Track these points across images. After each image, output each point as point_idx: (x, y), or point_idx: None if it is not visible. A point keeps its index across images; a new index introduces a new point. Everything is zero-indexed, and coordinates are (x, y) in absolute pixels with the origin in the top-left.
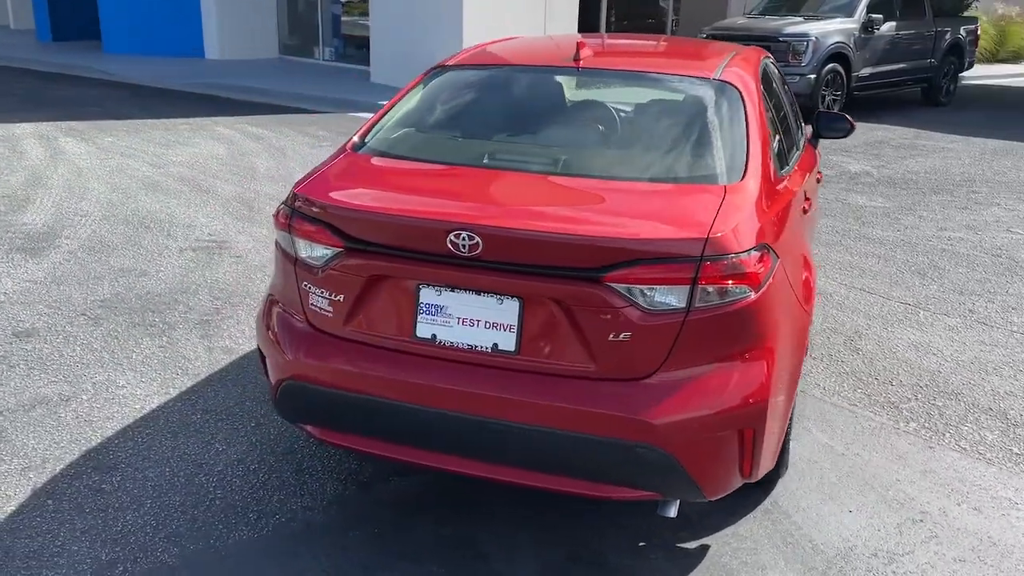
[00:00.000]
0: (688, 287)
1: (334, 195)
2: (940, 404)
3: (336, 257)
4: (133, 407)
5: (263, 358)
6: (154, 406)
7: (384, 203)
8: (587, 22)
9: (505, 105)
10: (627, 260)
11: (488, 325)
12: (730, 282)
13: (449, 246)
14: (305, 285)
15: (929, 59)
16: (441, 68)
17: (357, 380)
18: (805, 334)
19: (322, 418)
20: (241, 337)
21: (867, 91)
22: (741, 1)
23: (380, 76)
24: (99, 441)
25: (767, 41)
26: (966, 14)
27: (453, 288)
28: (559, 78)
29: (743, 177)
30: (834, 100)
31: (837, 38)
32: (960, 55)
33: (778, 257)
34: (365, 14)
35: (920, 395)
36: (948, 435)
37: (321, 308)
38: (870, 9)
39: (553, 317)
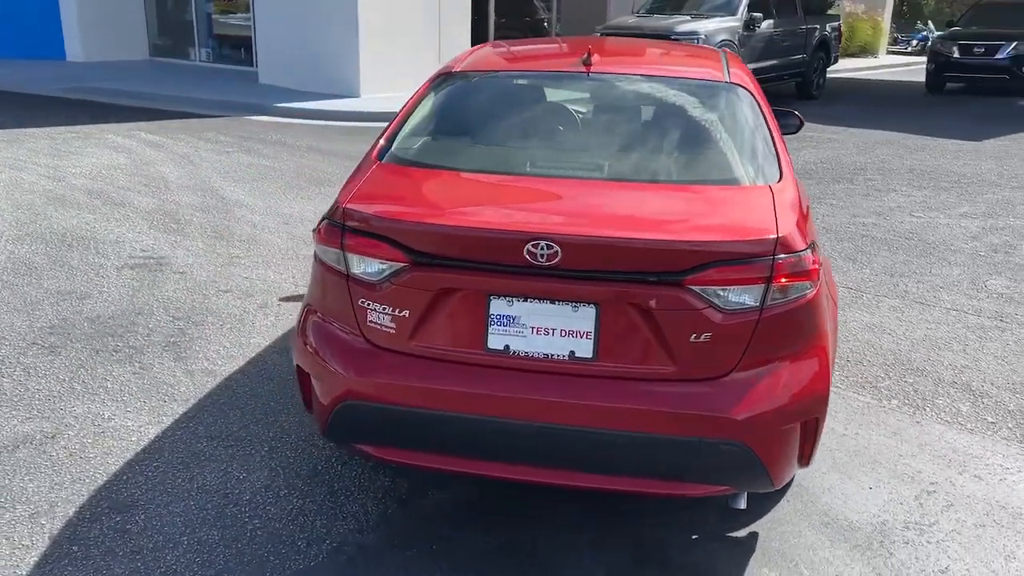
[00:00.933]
0: (763, 286)
1: (394, 209)
2: (911, 381)
3: (400, 272)
4: (129, 439)
5: (304, 379)
6: (152, 437)
7: (452, 216)
8: (474, 18)
9: (526, 111)
10: (707, 262)
11: (564, 333)
12: (796, 279)
13: (526, 256)
14: (362, 302)
15: (802, 54)
16: (447, 75)
17: (426, 396)
18: (837, 324)
19: (384, 437)
20: (218, 358)
21: None
22: (620, 2)
23: (269, 77)
24: (105, 479)
25: (660, 39)
26: (829, 12)
27: (526, 298)
28: (574, 83)
29: (780, 178)
30: None
31: (724, 35)
32: (827, 50)
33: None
34: (236, 12)
35: (891, 374)
36: (928, 410)
37: (382, 324)
38: (751, 8)
39: (631, 322)
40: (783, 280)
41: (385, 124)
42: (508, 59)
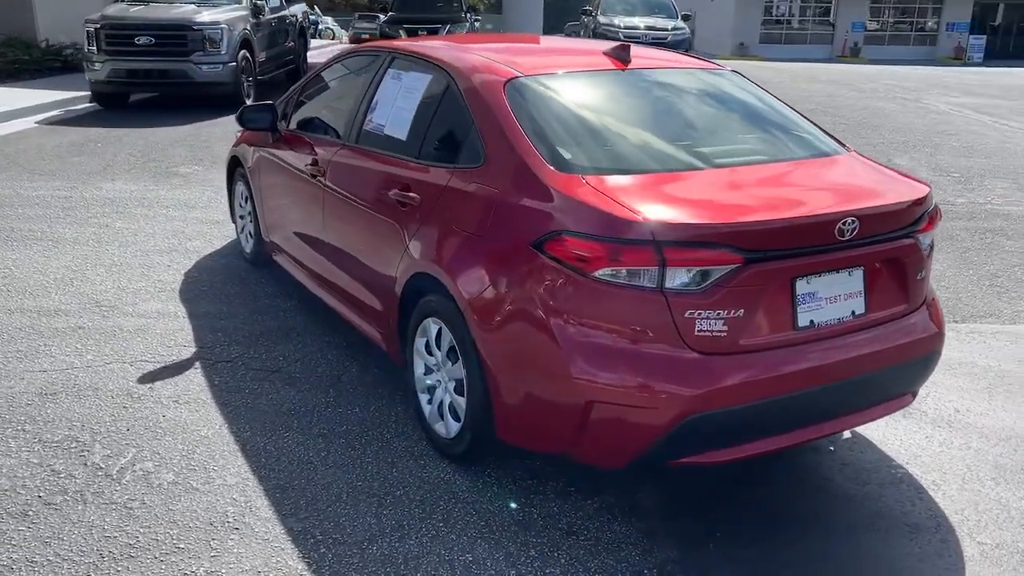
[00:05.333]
0: (934, 228)
1: (722, 214)
2: None
3: (732, 274)
4: None
5: (586, 416)
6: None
7: (769, 210)
8: None
9: (633, 107)
10: (923, 214)
11: (845, 296)
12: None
13: (835, 234)
14: (690, 313)
15: (292, 41)
16: (514, 80)
17: (762, 387)
18: None
19: (718, 441)
20: (214, 474)
21: (265, 75)
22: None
23: None
24: None
25: (181, 30)
26: None
27: (819, 273)
28: (629, 78)
29: (846, 147)
30: (249, 86)
31: (242, 25)
32: (305, 36)
33: None
34: None
35: None
36: None
37: (713, 330)
38: None
39: (884, 273)
40: (937, 224)
41: None
42: (543, 57)
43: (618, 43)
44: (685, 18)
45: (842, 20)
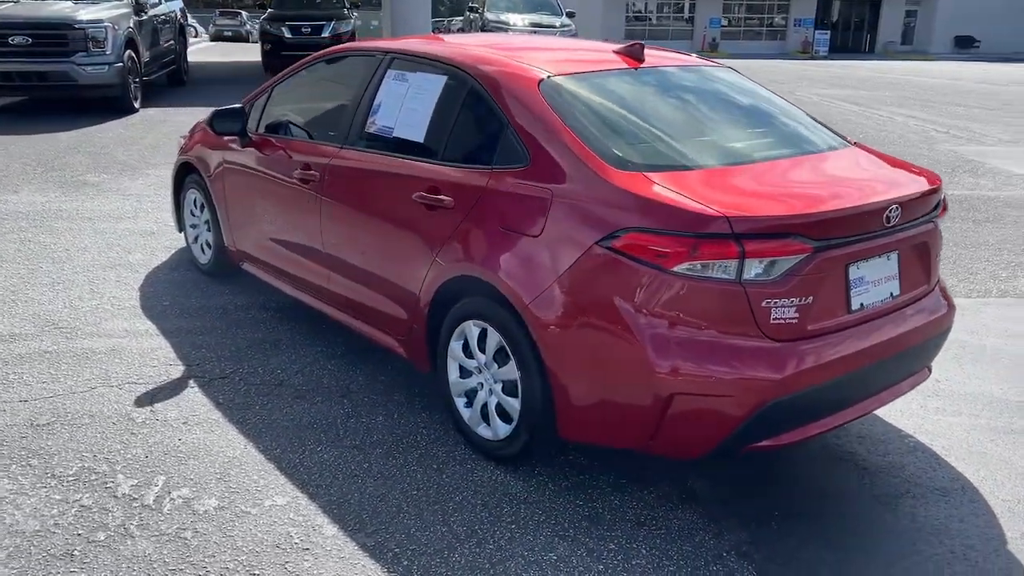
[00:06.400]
0: (944, 215)
1: (791, 205)
2: None
3: (802, 263)
4: None
5: (663, 412)
6: None
7: (830, 201)
8: None
9: (668, 105)
10: (938, 202)
11: (885, 279)
12: None
13: (884, 221)
14: (766, 302)
15: (171, 40)
16: (547, 79)
17: (827, 369)
18: None
19: (791, 423)
20: (217, 491)
21: (150, 76)
22: None
23: None
24: None
25: (60, 29)
26: None
27: (867, 259)
28: (661, 76)
29: (847, 139)
30: (136, 88)
31: (127, 23)
32: (184, 34)
33: None
34: None
35: None
36: None
37: (786, 318)
38: None
39: (912, 256)
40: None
41: None
42: (556, 54)
43: (630, 42)
44: (570, 15)
45: (700, 16)
